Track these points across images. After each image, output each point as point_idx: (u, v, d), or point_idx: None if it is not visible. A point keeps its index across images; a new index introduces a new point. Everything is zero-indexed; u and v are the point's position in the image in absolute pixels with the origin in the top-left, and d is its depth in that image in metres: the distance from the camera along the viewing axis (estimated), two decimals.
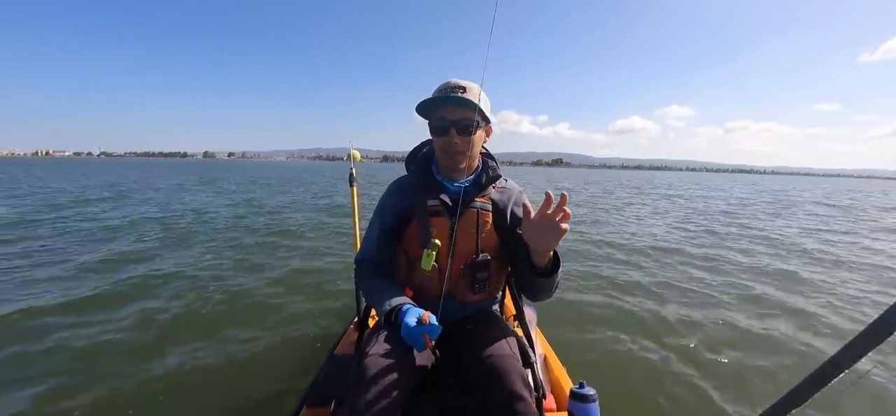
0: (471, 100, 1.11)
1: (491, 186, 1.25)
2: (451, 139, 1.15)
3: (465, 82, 1.15)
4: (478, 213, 1.18)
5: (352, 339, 1.45)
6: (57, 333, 2.50)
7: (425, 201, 1.19)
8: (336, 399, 1.16)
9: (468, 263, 1.17)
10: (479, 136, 1.20)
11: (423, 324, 0.99)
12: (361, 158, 2.35)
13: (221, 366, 2.20)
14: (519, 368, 1.01)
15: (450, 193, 1.21)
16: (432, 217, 1.17)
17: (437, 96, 1.15)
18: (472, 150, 1.18)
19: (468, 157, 1.18)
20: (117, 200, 9.95)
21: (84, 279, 3.53)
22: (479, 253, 1.17)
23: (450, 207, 1.18)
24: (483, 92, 1.17)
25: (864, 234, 7.56)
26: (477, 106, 1.12)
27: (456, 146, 1.16)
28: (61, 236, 5.32)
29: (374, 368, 0.97)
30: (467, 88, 1.14)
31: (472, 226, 1.17)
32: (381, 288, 1.16)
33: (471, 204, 1.18)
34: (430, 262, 1.12)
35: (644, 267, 4.50)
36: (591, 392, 1.08)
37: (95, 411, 1.85)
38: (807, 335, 2.77)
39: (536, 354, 1.25)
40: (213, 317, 2.84)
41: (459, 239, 1.16)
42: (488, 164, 1.27)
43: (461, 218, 1.16)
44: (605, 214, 9.45)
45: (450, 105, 1.14)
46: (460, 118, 1.14)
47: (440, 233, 1.15)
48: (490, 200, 1.22)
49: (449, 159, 1.19)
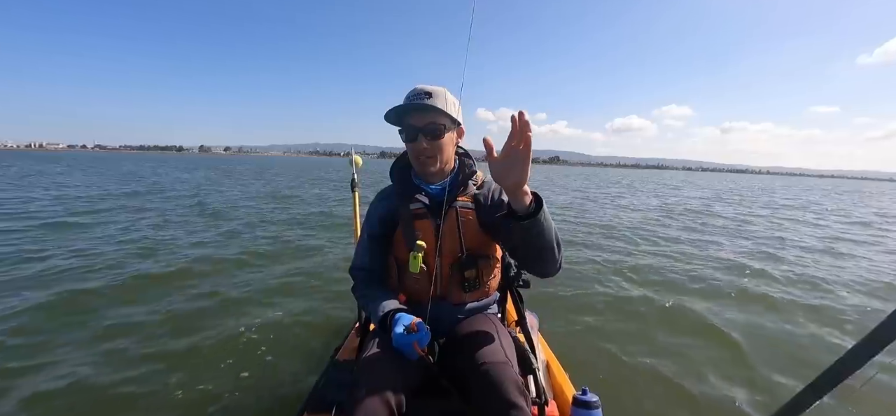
0: (436, 105, 1.13)
1: (470, 183, 1.27)
2: (419, 145, 1.17)
3: (430, 87, 1.17)
4: (458, 212, 1.20)
5: (353, 345, 1.45)
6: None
7: (408, 206, 1.22)
8: (336, 405, 1.17)
9: (454, 262, 1.19)
10: (450, 138, 1.21)
11: (412, 332, 1.00)
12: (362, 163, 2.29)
13: (223, 372, 2.19)
14: (513, 375, 1.00)
15: (430, 195, 1.24)
16: (416, 220, 1.20)
17: (404, 104, 1.16)
18: (442, 154, 1.19)
19: (439, 161, 1.19)
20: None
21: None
22: (463, 251, 1.19)
23: (432, 208, 1.21)
24: (450, 94, 1.19)
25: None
26: (443, 110, 1.14)
27: (425, 151, 1.17)
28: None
29: (373, 373, 0.98)
30: (433, 94, 1.15)
31: (455, 225, 1.19)
32: (375, 296, 1.19)
33: (452, 204, 1.21)
34: (417, 264, 1.14)
35: (645, 270, 4.49)
36: (593, 399, 1.09)
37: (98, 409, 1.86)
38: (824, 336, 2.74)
39: (538, 360, 1.26)
40: (213, 322, 2.82)
41: (444, 239, 1.18)
42: (465, 162, 1.29)
43: (444, 218, 1.18)
44: (599, 209, 9.48)
45: (417, 112, 1.16)
46: (427, 123, 1.15)
47: (425, 235, 1.17)
48: (472, 198, 1.24)
49: (421, 164, 1.20)
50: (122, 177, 17.16)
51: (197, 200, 9.68)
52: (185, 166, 33.35)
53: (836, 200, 19.36)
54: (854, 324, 3.07)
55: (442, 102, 1.15)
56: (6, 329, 2.53)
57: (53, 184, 12.62)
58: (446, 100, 1.17)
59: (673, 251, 5.52)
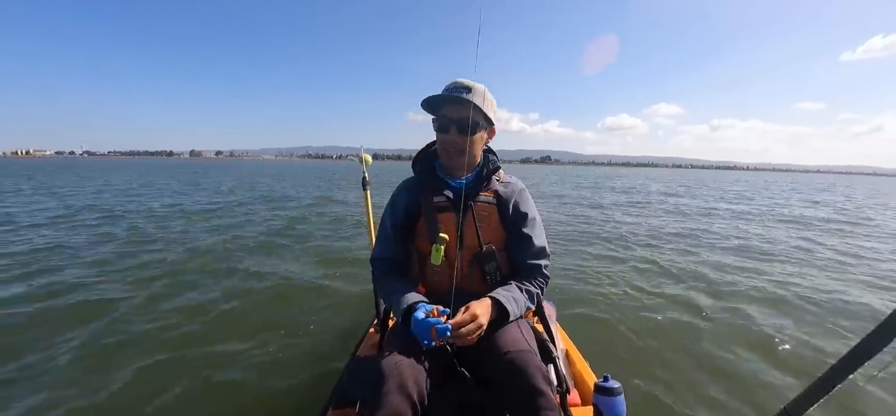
0: (474, 101, 1.15)
1: (494, 179, 1.29)
2: (451, 137, 1.19)
3: (471, 83, 1.18)
4: (480, 207, 1.23)
5: (373, 340, 1.45)
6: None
7: (431, 198, 1.24)
8: (361, 400, 1.17)
9: (475, 255, 1.21)
10: (481, 136, 1.24)
11: (433, 317, 1.02)
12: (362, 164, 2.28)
13: (245, 369, 2.19)
14: (537, 362, 1.02)
15: (453, 189, 1.25)
16: (438, 213, 1.22)
17: (442, 94, 1.18)
18: (472, 148, 1.21)
19: (467, 155, 1.21)
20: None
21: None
22: (482, 246, 1.21)
23: (455, 202, 1.22)
24: (488, 93, 1.20)
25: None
26: (479, 107, 1.16)
27: (456, 144, 1.19)
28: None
29: (396, 367, 0.99)
30: (473, 89, 1.17)
31: (476, 219, 1.21)
32: (396, 289, 1.19)
33: (475, 199, 1.23)
34: (439, 256, 1.16)
35: (663, 257, 4.50)
36: (616, 386, 1.10)
37: (112, 405, 1.85)
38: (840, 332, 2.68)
39: (558, 348, 1.27)
40: (233, 320, 2.82)
41: (466, 233, 1.20)
42: (489, 159, 1.31)
43: (466, 212, 1.20)
44: (614, 209, 9.56)
45: (453, 104, 1.17)
46: (462, 117, 1.17)
47: (447, 228, 1.19)
48: (494, 194, 1.26)
49: (449, 157, 1.22)
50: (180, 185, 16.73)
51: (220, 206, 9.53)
52: (212, 172, 32.78)
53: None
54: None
55: (480, 99, 1.17)
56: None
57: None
58: (484, 98, 1.18)
59: (685, 247, 5.48)
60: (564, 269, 3.76)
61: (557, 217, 8.05)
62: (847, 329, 2.79)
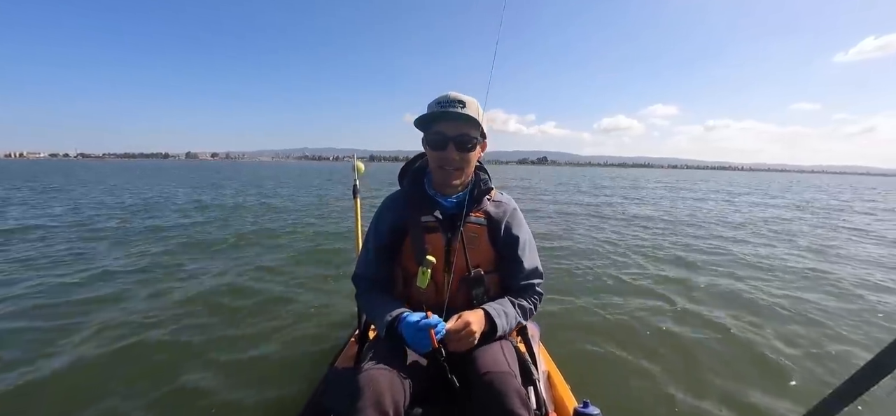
0: (471, 115, 1.11)
1: (485, 199, 1.24)
2: (448, 155, 1.14)
3: (464, 96, 1.14)
4: (470, 229, 1.18)
5: (352, 352, 1.43)
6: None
7: (419, 218, 1.18)
8: (335, 414, 1.15)
9: (463, 279, 1.17)
10: (476, 153, 1.20)
11: (427, 318, 1.00)
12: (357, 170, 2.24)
13: (219, 380, 2.13)
14: (516, 385, 1.00)
15: (443, 208, 1.20)
16: (426, 234, 1.17)
17: (437, 111, 1.13)
18: (468, 166, 1.18)
19: (464, 173, 1.17)
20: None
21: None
22: (470, 270, 1.17)
23: (444, 223, 1.18)
24: (479, 105, 1.16)
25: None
26: (479, 122, 1.12)
27: (454, 162, 1.15)
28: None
29: (373, 382, 0.96)
30: (467, 103, 1.12)
31: (466, 242, 1.17)
32: (380, 303, 1.16)
33: (466, 220, 1.18)
34: (425, 280, 1.12)
35: (646, 278, 4.25)
36: (595, 412, 1.08)
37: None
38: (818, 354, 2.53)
39: (539, 370, 1.25)
40: (209, 329, 2.75)
41: (455, 257, 1.15)
42: (480, 177, 1.26)
43: (456, 234, 1.16)
44: (599, 220, 9.44)
45: (449, 120, 1.13)
46: (459, 134, 1.13)
47: (435, 250, 1.15)
48: (484, 214, 1.22)
49: (444, 175, 1.17)
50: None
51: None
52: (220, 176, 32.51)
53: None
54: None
55: (475, 112, 1.12)
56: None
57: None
58: (478, 111, 1.14)
59: (675, 260, 5.13)
60: (550, 286, 3.40)
61: (547, 229, 7.66)
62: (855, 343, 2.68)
